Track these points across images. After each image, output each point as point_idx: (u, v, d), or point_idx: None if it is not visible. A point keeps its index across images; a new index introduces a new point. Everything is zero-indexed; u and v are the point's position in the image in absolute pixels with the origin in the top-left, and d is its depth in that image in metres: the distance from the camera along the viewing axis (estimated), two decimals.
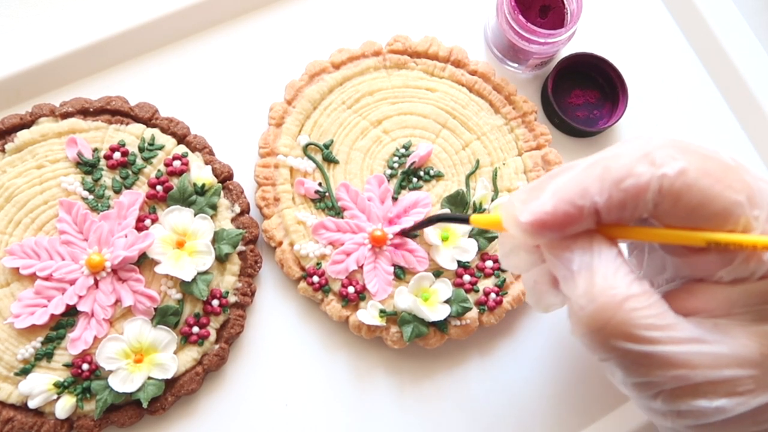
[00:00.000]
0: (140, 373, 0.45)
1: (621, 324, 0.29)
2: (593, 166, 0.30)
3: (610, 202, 0.29)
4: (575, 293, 0.30)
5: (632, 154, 0.30)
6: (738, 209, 0.29)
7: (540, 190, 0.31)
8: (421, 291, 0.48)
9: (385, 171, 0.51)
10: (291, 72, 0.54)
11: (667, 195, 0.29)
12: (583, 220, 0.30)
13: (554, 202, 0.30)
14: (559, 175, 0.31)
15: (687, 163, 0.29)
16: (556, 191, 0.30)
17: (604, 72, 0.55)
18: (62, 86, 0.52)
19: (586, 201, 0.29)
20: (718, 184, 0.29)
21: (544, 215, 0.30)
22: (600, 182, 0.29)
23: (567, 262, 0.31)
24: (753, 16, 0.60)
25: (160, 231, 0.47)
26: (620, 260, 0.30)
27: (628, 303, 0.29)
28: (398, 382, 0.50)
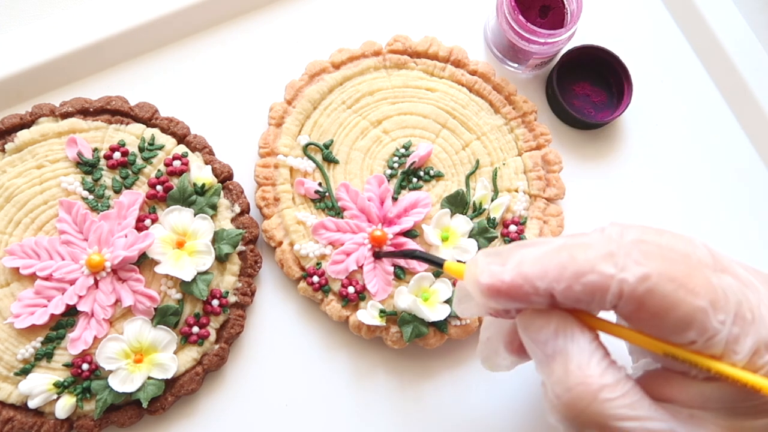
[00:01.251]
0: (140, 373, 0.45)
1: (595, 415, 0.29)
2: (560, 250, 0.30)
3: (567, 292, 0.30)
4: (550, 380, 0.30)
5: (598, 250, 0.30)
6: (701, 315, 0.29)
7: (506, 257, 0.31)
8: (421, 291, 0.48)
9: (385, 171, 0.51)
10: (291, 72, 0.54)
11: (629, 300, 0.29)
12: (538, 299, 0.30)
13: (513, 275, 0.30)
14: (528, 247, 0.31)
15: (649, 268, 0.29)
16: (519, 264, 0.31)
17: (611, 67, 0.55)
18: (62, 86, 0.52)
19: (544, 284, 0.30)
20: (681, 289, 0.29)
21: (500, 283, 0.30)
22: (561, 270, 0.30)
23: (541, 344, 0.31)
24: (753, 16, 0.60)
25: (160, 231, 0.47)
26: (594, 345, 0.30)
27: (602, 393, 0.29)
28: (398, 382, 0.50)
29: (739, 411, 0.30)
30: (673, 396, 0.31)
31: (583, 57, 0.55)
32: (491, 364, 0.38)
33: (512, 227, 0.51)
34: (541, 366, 0.31)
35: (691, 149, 0.57)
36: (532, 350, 0.32)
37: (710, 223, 0.55)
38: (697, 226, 0.55)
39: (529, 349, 0.32)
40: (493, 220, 0.50)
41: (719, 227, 0.55)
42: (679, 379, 0.31)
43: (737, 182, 0.57)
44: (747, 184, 0.57)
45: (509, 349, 0.35)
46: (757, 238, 0.55)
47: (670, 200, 0.56)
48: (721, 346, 0.29)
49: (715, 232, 0.55)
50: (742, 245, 0.55)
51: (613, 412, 0.29)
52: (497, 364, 0.38)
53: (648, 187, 0.56)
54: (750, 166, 0.57)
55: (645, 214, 0.55)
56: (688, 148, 0.57)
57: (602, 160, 0.56)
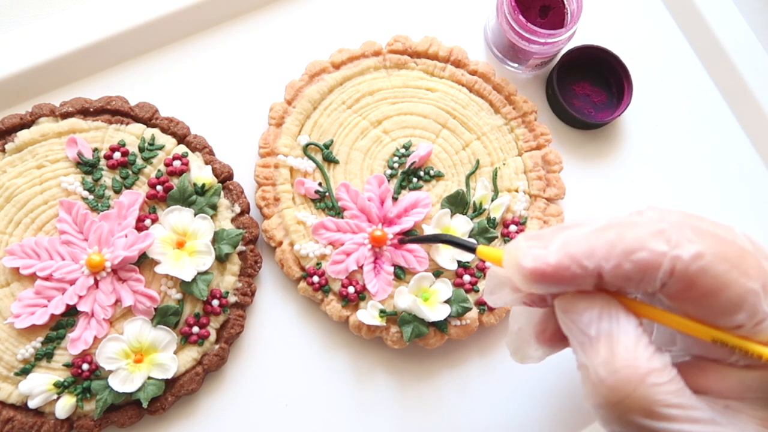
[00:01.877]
0: (140, 373, 0.45)
1: (642, 399, 0.28)
2: (606, 229, 0.29)
3: (617, 270, 0.29)
4: (594, 362, 0.29)
5: (647, 228, 0.29)
6: (753, 298, 0.28)
7: (549, 239, 0.30)
8: (421, 291, 0.48)
9: (385, 171, 0.51)
10: (291, 72, 0.54)
11: (680, 278, 0.28)
12: (585, 280, 0.29)
13: (559, 256, 0.29)
14: (571, 228, 0.30)
15: (703, 246, 0.28)
16: (564, 245, 0.29)
17: (611, 67, 0.55)
18: (62, 86, 0.52)
19: (592, 263, 0.29)
20: (734, 270, 0.28)
21: (545, 266, 0.29)
22: (610, 248, 0.29)
23: (585, 326, 0.30)
24: (753, 16, 0.60)
25: (160, 231, 0.47)
26: (641, 330, 0.30)
27: (650, 377, 0.28)
28: (398, 382, 0.50)
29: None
30: (708, 387, 0.30)
31: (583, 57, 0.55)
32: (521, 356, 0.37)
33: (512, 227, 0.51)
34: (584, 348, 0.30)
35: (691, 149, 0.57)
36: (572, 333, 0.30)
37: None
38: None
39: (568, 332, 0.31)
40: (493, 220, 0.50)
41: None
42: (715, 368, 0.30)
43: (737, 182, 0.57)
44: (747, 184, 0.57)
45: (541, 339, 0.34)
46: (757, 238, 0.55)
47: (670, 200, 0.56)
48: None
49: None
50: None
51: (659, 397, 0.28)
52: (528, 355, 0.36)
53: (648, 186, 0.56)
54: (750, 166, 0.57)
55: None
56: (688, 147, 0.57)
57: (602, 160, 0.56)
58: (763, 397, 0.29)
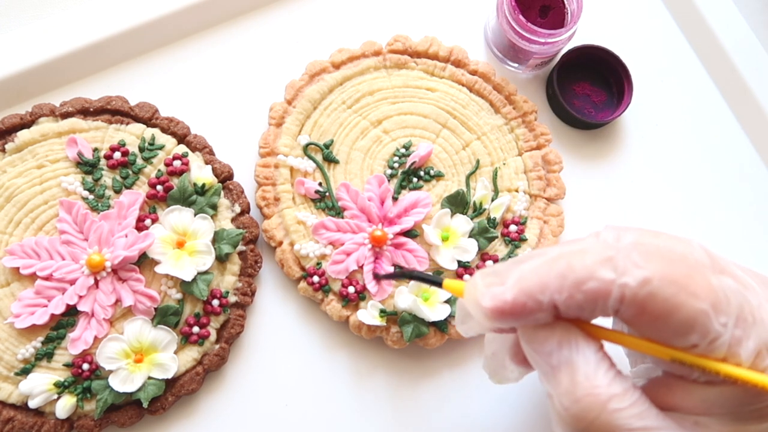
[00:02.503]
0: (140, 373, 0.45)
1: (605, 425, 0.29)
2: (557, 259, 0.30)
3: (570, 301, 0.29)
4: (557, 391, 0.30)
5: (596, 255, 0.29)
6: (703, 318, 0.28)
7: (504, 275, 0.31)
8: (421, 291, 0.48)
9: (385, 171, 0.51)
10: (291, 72, 0.54)
11: (630, 304, 0.29)
12: (542, 313, 0.30)
13: (514, 293, 0.30)
14: (525, 261, 0.31)
15: (650, 271, 0.28)
16: (519, 280, 0.30)
17: (611, 67, 0.55)
18: (62, 86, 0.52)
19: (546, 297, 0.29)
20: (682, 292, 0.28)
21: (503, 304, 0.30)
22: (561, 280, 0.29)
23: (546, 356, 0.30)
24: (753, 16, 0.60)
25: (161, 231, 0.47)
26: (600, 355, 0.30)
27: (611, 404, 0.29)
28: (398, 382, 0.50)
29: (743, 415, 0.30)
30: (676, 404, 0.31)
31: (583, 57, 0.55)
32: (499, 378, 0.38)
33: (512, 227, 0.51)
34: (547, 378, 0.31)
35: (691, 149, 0.57)
36: (536, 362, 0.31)
37: (710, 223, 0.55)
38: (697, 226, 0.55)
39: (532, 362, 0.32)
40: (493, 220, 0.51)
41: (719, 227, 0.55)
42: (681, 385, 0.31)
43: (737, 182, 0.57)
44: (747, 183, 0.57)
45: (515, 360, 0.35)
46: (758, 238, 0.55)
47: (670, 200, 0.56)
48: (723, 349, 0.29)
49: (715, 232, 0.55)
50: (742, 245, 0.55)
51: (622, 422, 0.28)
52: (505, 377, 0.37)
53: (648, 186, 0.56)
54: (750, 166, 0.57)
55: (645, 214, 0.55)
56: (688, 148, 0.57)
57: (602, 160, 0.56)
58: (729, 412, 0.30)
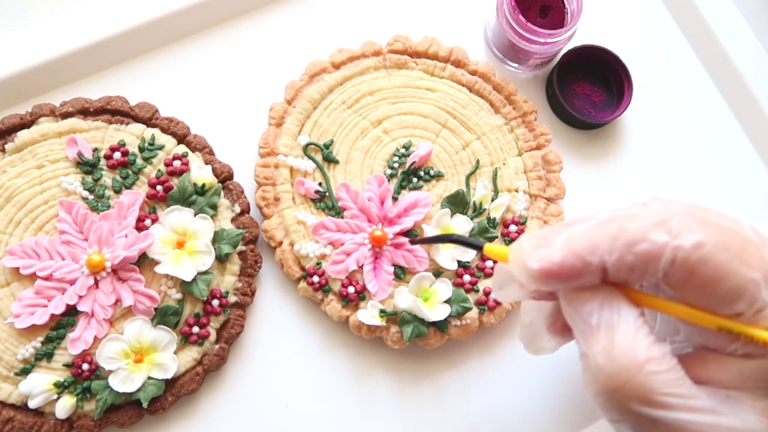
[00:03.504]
0: (140, 373, 0.45)
1: (640, 387, 0.28)
2: (608, 222, 0.30)
3: (620, 263, 0.29)
4: (593, 350, 0.30)
5: (649, 219, 0.29)
6: (753, 287, 0.28)
7: (552, 237, 0.31)
8: (421, 291, 0.48)
9: (385, 171, 0.51)
10: (291, 72, 0.54)
11: (681, 267, 0.29)
12: (590, 275, 0.30)
13: (563, 254, 0.30)
14: (573, 225, 0.31)
15: (704, 236, 0.28)
16: (567, 242, 0.30)
17: (611, 66, 0.55)
18: (62, 86, 0.52)
19: (596, 258, 0.29)
20: (735, 260, 0.28)
21: (551, 265, 0.30)
22: (612, 241, 0.29)
23: (587, 315, 0.30)
24: (753, 16, 0.60)
25: (160, 231, 0.47)
26: (641, 320, 0.30)
27: (648, 366, 0.28)
28: (398, 382, 0.50)
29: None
30: (708, 377, 0.31)
31: (582, 57, 0.55)
32: (535, 348, 0.38)
33: (512, 227, 0.51)
34: (585, 337, 0.30)
35: (691, 149, 0.57)
36: (575, 323, 0.31)
37: None
38: None
39: (572, 322, 0.31)
40: (493, 220, 0.50)
41: None
42: (715, 358, 0.31)
43: (737, 182, 0.57)
44: (747, 183, 0.57)
45: (552, 330, 0.35)
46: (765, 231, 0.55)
47: None
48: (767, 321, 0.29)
49: None
50: None
51: (657, 386, 0.28)
52: (541, 346, 0.37)
53: (648, 186, 0.56)
54: (750, 165, 0.57)
55: None
56: (688, 148, 0.57)
57: (602, 160, 0.56)
58: (763, 386, 0.30)
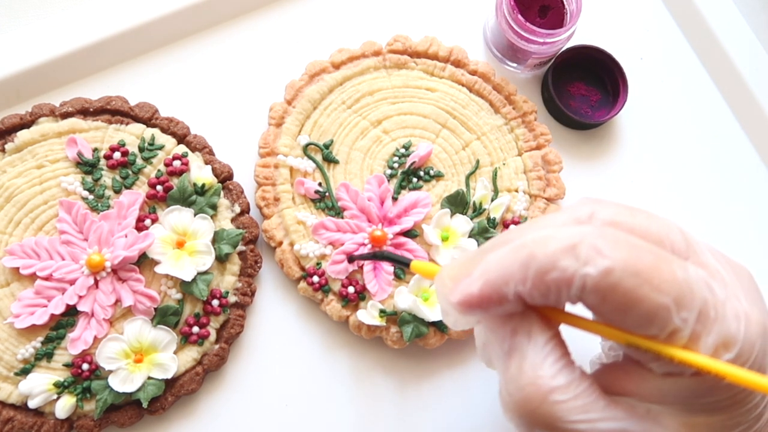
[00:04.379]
0: (140, 373, 0.45)
1: (545, 416, 0.29)
2: (519, 249, 0.30)
3: (534, 291, 0.29)
4: (505, 377, 0.31)
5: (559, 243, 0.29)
6: (663, 313, 0.28)
7: (470, 266, 0.31)
8: (421, 291, 0.48)
9: (385, 171, 0.51)
10: (291, 72, 0.54)
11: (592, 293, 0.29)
12: (509, 303, 0.30)
13: (480, 285, 0.30)
14: (490, 251, 0.31)
15: (613, 261, 0.28)
16: (483, 273, 0.30)
17: (605, 66, 0.55)
18: (62, 86, 0.52)
19: (510, 288, 0.30)
20: (645, 285, 0.28)
21: (470, 297, 0.30)
22: (524, 270, 0.29)
23: (501, 341, 0.31)
24: (753, 16, 0.60)
25: (160, 231, 0.47)
26: (550, 346, 0.30)
27: (552, 395, 0.29)
28: (398, 382, 0.50)
29: (696, 407, 0.30)
30: (631, 390, 0.31)
31: (575, 58, 0.55)
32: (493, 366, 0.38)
33: (512, 227, 0.51)
34: (498, 361, 0.31)
35: (691, 149, 0.57)
36: (493, 347, 0.32)
37: (709, 223, 0.55)
38: (696, 225, 0.55)
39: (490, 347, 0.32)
40: (493, 220, 0.51)
41: (718, 226, 0.55)
42: (638, 372, 0.31)
43: (737, 182, 0.57)
44: (746, 183, 0.57)
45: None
46: (756, 238, 0.55)
47: (669, 199, 0.56)
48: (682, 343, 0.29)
49: (714, 231, 0.55)
50: (740, 244, 0.55)
51: (562, 414, 0.29)
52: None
53: (647, 186, 0.56)
54: (750, 165, 0.57)
55: None
56: (688, 147, 0.57)
57: (602, 160, 0.56)
58: (682, 403, 0.30)
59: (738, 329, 0.29)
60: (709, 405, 0.30)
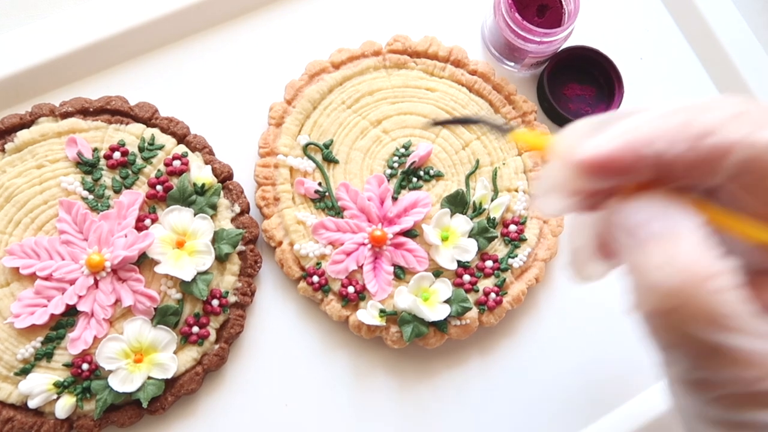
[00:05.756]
0: (140, 373, 0.45)
1: (702, 307, 0.23)
2: (675, 113, 0.25)
3: (682, 158, 0.25)
4: (648, 263, 0.25)
5: (724, 110, 0.25)
6: None
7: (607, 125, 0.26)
8: (421, 291, 0.48)
9: (385, 171, 0.51)
10: (291, 72, 0.54)
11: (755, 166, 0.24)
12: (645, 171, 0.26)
13: (617, 144, 0.25)
14: (633, 114, 0.26)
15: None
16: (624, 132, 0.26)
17: (601, 66, 0.55)
18: (62, 86, 0.52)
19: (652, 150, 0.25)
20: None
21: (602, 156, 0.25)
22: (677, 132, 0.25)
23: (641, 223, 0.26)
24: (753, 16, 0.60)
25: (160, 231, 0.47)
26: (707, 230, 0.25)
27: (714, 281, 0.24)
28: (398, 382, 0.50)
29: None
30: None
31: (565, 60, 0.55)
32: (583, 275, 0.32)
33: (512, 227, 0.51)
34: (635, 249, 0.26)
35: None
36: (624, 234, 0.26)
37: None
38: None
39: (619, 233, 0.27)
40: (493, 219, 0.50)
41: None
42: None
43: None
44: None
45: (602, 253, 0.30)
46: None
47: None
48: None
49: None
50: None
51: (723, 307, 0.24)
52: (589, 274, 0.32)
53: None
54: None
55: None
56: None
57: None
58: None
59: None
60: None
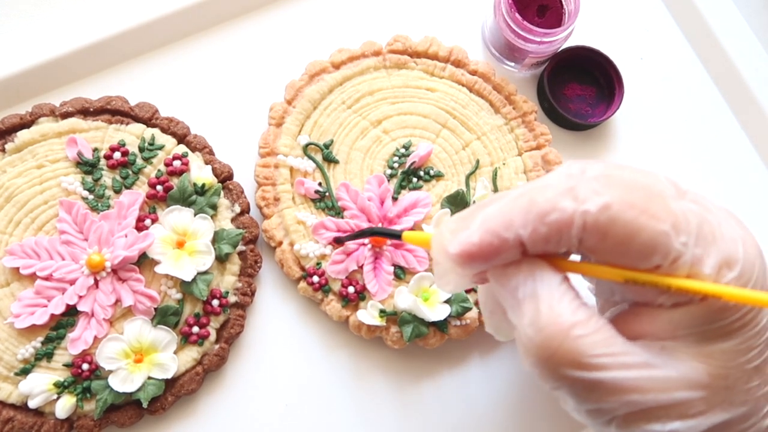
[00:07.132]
0: (140, 373, 0.45)
1: (568, 352, 0.29)
2: (520, 197, 0.31)
3: (535, 235, 0.30)
4: (522, 323, 0.30)
5: (557, 188, 0.30)
6: (664, 239, 0.29)
7: (469, 219, 0.31)
8: (421, 291, 0.48)
9: (385, 171, 0.51)
10: (291, 72, 0.54)
11: (592, 231, 0.29)
12: (509, 251, 0.30)
13: (480, 234, 0.30)
14: (489, 205, 0.32)
15: (610, 197, 0.29)
16: (484, 222, 0.31)
17: (601, 66, 0.55)
18: (62, 86, 0.52)
19: (511, 233, 0.30)
20: (643, 215, 0.29)
21: (470, 246, 0.30)
22: (525, 215, 0.30)
23: (512, 290, 0.31)
24: (753, 16, 0.60)
25: (160, 231, 0.47)
26: (564, 286, 0.31)
27: (574, 330, 0.29)
28: (398, 382, 0.50)
29: (708, 335, 0.30)
30: (643, 331, 0.31)
31: (565, 60, 0.55)
32: (503, 334, 0.38)
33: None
34: (513, 311, 0.31)
35: (691, 149, 0.57)
36: (504, 299, 0.32)
37: None
38: None
39: (502, 300, 0.32)
40: None
41: None
42: (647, 312, 0.31)
43: (737, 182, 0.57)
44: (747, 183, 0.57)
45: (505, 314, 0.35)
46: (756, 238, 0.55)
47: None
48: (686, 268, 0.29)
49: None
50: None
51: (586, 349, 0.29)
52: (506, 332, 0.37)
53: None
54: (750, 166, 0.57)
55: None
56: (688, 148, 0.57)
57: (603, 159, 0.56)
58: (693, 332, 0.30)
59: (737, 249, 0.30)
60: (720, 330, 0.30)
